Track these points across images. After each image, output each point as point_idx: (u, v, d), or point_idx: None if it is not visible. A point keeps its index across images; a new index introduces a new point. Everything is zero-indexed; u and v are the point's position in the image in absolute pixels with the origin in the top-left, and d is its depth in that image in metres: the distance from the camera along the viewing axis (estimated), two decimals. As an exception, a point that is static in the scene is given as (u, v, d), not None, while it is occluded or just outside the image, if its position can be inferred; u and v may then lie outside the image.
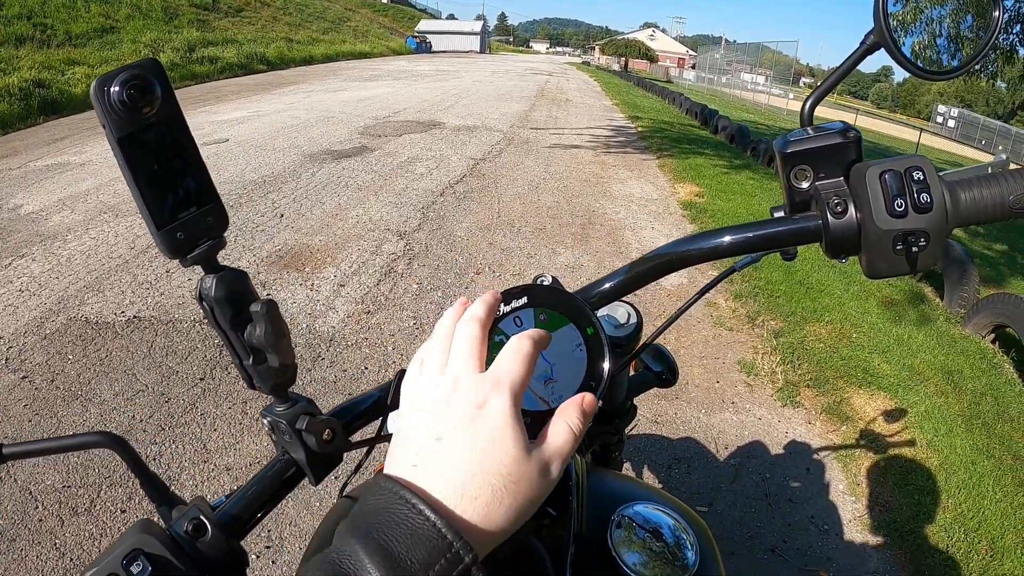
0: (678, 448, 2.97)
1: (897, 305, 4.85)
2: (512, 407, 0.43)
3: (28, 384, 3.04)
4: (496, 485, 0.42)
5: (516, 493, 0.42)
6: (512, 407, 0.43)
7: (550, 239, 5.55)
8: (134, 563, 0.47)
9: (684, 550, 0.61)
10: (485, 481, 0.41)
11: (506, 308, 0.60)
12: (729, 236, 0.64)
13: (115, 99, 0.43)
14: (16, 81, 10.23)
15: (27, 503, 2.36)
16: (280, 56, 22.59)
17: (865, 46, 0.62)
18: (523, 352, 0.46)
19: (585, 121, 13.69)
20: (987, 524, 2.65)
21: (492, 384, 0.44)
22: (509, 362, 0.45)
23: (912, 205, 0.55)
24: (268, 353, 0.52)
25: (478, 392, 0.44)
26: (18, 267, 4.29)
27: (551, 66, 45.51)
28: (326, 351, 3.48)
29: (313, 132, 9.62)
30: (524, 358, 0.45)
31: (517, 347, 0.46)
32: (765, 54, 38.64)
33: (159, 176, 0.46)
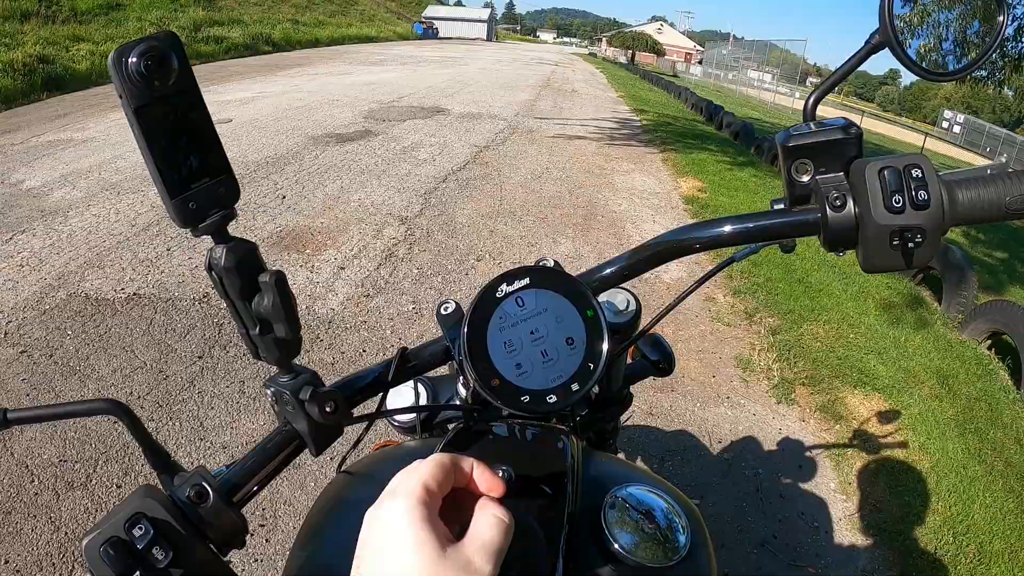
0: (672, 440, 2.98)
1: (895, 307, 4.86)
2: (411, 511, 0.41)
3: (27, 358, 3.04)
4: None
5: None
6: (411, 511, 0.41)
7: (551, 228, 5.55)
8: (136, 526, 0.48)
9: (676, 533, 0.62)
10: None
11: (509, 288, 0.61)
12: (730, 226, 0.65)
13: (132, 70, 0.43)
14: (20, 56, 10.18)
15: (23, 476, 2.37)
16: (286, 38, 22.52)
17: (870, 45, 0.63)
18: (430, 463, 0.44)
19: (590, 112, 13.65)
20: (976, 528, 2.67)
21: (391, 496, 0.43)
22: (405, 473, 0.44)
23: (910, 202, 0.56)
24: (275, 324, 0.53)
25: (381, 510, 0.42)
26: (19, 242, 4.29)
27: (557, 56, 45.35)
28: (325, 333, 3.49)
29: (317, 115, 9.60)
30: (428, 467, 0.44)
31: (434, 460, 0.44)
32: (773, 52, 38.43)
33: (173, 146, 0.46)
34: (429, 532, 0.40)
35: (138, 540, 0.48)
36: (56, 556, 2.09)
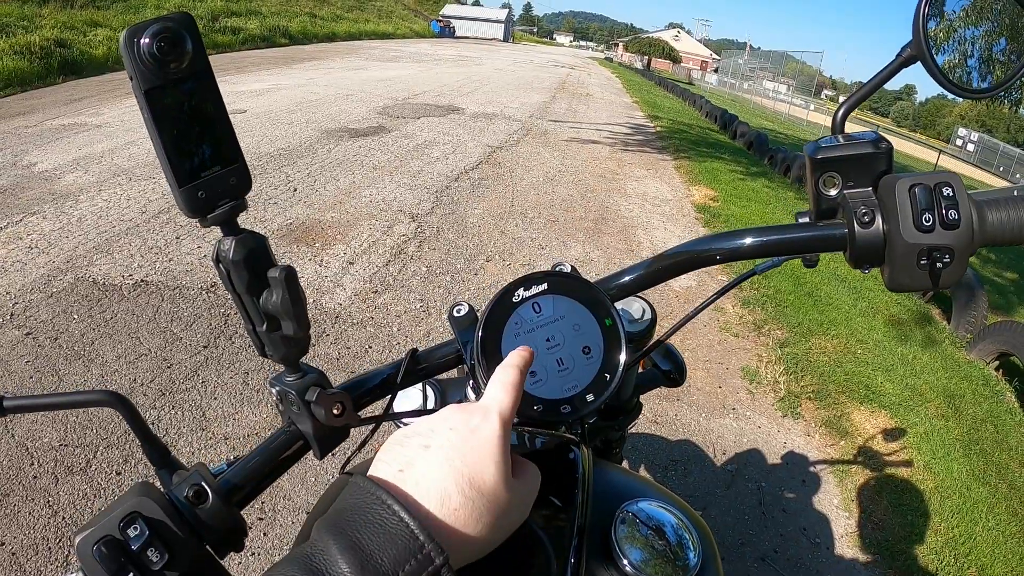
0: (676, 450, 2.96)
1: (904, 324, 4.83)
2: (500, 435, 0.45)
3: (31, 341, 3.04)
4: (477, 502, 0.43)
5: (495, 514, 0.44)
6: (500, 435, 0.45)
7: (562, 232, 5.54)
8: (131, 526, 0.47)
9: (686, 551, 0.60)
10: (475, 500, 0.43)
11: (526, 293, 0.59)
12: (751, 238, 0.63)
13: (145, 51, 0.42)
14: (38, 40, 10.22)
15: (23, 459, 2.37)
16: (303, 31, 22.56)
17: (902, 58, 0.61)
18: (510, 382, 0.48)
19: (604, 117, 13.64)
20: (978, 551, 2.65)
21: (483, 412, 0.47)
22: (498, 392, 0.48)
23: (940, 221, 0.54)
24: (283, 320, 0.51)
25: (472, 416, 0.46)
26: (29, 224, 4.30)
27: (573, 59, 45.38)
28: (331, 327, 3.49)
29: (331, 109, 9.61)
30: (511, 387, 0.48)
31: (503, 378, 0.49)
32: (789, 63, 38.38)
33: (184, 132, 0.45)
34: (507, 456, 0.46)
35: (133, 540, 0.46)
36: (52, 540, 2.08)
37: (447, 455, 0.44)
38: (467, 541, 0.43)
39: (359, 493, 0.42)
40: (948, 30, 0.70)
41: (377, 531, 0.39)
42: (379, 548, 0.38)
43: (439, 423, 0.47)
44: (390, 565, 0.38)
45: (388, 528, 0.39)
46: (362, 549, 0.38)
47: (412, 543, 0.39)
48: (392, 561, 0.38)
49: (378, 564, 0.38)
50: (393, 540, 0.39)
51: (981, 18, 0.71)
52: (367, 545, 0.39)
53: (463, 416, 0.47)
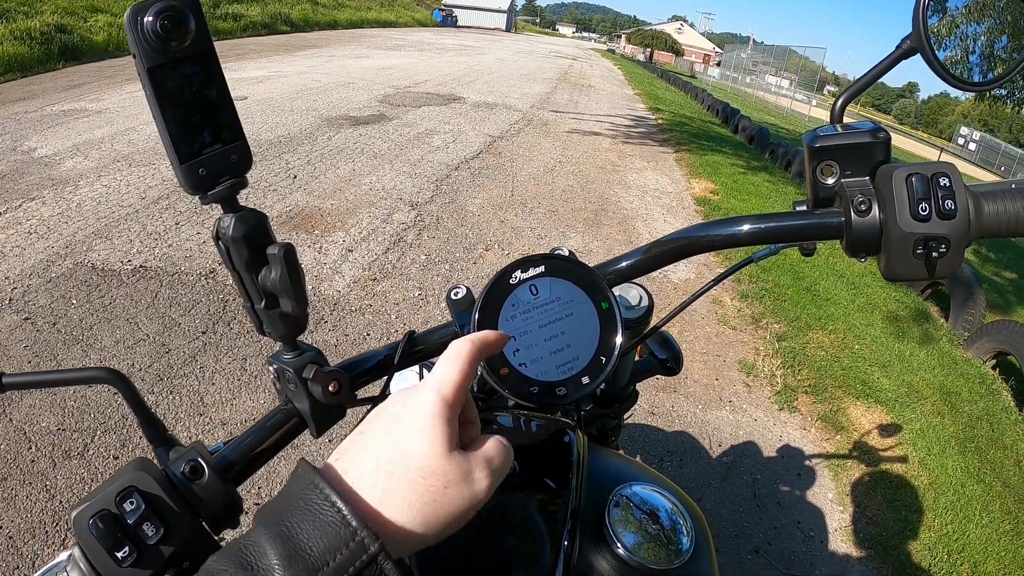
0: (672, 441, 2.97)
1: (902, 321, 4.83)
2: (437, 406, 0.43)
3: (30, 326, 3.04)
4: (405, 480, 0.41)
5: (431, 491, 0.41)
6: (437, 406, 0.43)
7: (561, 222, 5.54)
8: (127, 500, 0.47)
9: (679, 535, 0.61)
10: (394, 472, 0.41)
11: (523, 275, 0.59)
12: (748, 225, 0.63)
13: (148, 29, 0.42)
14: (38, 25, 10.15)
15: (21, 443, 2.37)
16: (304, 18, 22.44)
17: (901, 50, 0.61)
18: (460, 355, 0.45)
19: (606, 108, 13.61)
20: (971, 548, 2.66)
21: (422, 387, 0.44)
22: (443, 365, 0.45)
23: (936, 210, 0.54)
24: (281, 298, 0.51)
25: (410, 395, 0.44)
26: (28, 209, 4.29)
27: (576, 51, 45.18)
28: (329, 314, 3.49)
29: (332, 97, 9.58)
30: (460, 360, 0.45)
31: (454, 351, 0.46)
32: (792, 58, 38.30)
33: (186, 110, 0.45)
34: (444, 429, 0.42)
35: (129, 514, 0.47)
36: (49, 524, 2.09)
37: (376, 435, 0.43)
38: (404, 526, 0.41)
39: (297, 480, 0.41)
40: (950, 26, 0.70)
41: (309, 519, 0.38)
42: (308, 537, 0.37)
43: (380, 407, 0.46)
44: (319, 554, 0.37)
45: (320, 516, 0.38)
46: (292, 539, 0.37)
47: (344, 530, 0.37)
48: (322, 550, 0.37)
49: (307, 554, 0.37)
50: (324, 528, 0.37)
51: (983, 15, 0.71)
52: (297, 534, 0.37)
53: (401, 396, 0.45)
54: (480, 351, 0.47)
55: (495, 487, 0.45)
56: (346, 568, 0.37)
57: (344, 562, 0.37)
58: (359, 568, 0.37)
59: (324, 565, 0.36)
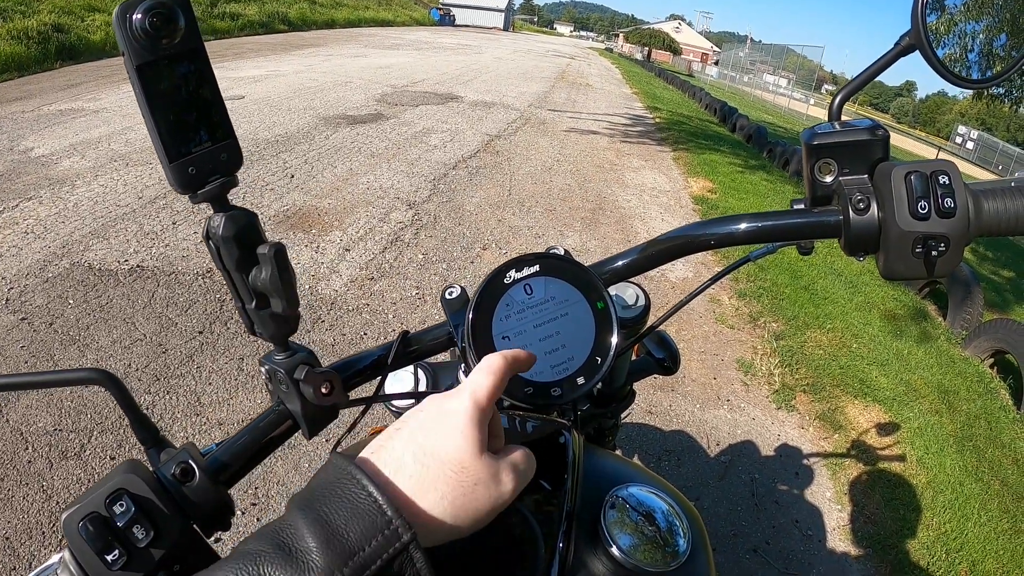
0: (670, 440, 2.97)
1: (900, 320, 4.84)
2: (471, 410, 0.45)
3: (27, 326, 3.04)
4: (440, 474, 0.43)
5: (463, 486, 0.44)
6: (471, 410, 0.45)
7: (559, 221, 5.53)
8: (117, 503, 0.47)
9: (676, 537, 0.60)
10: (430, 466, 0.43)
11: (518, 275, 0.59)
12: (746, 223, 0.63)
13: (137, 26, 0.41)
14: (35, 24, 10.12)
15: (17, 444, 2.37)
16: (302, 17, 22.42)
17: (900, 47, 0.61)
18: (493, 368, 0.48)
19: (603, 107, 13.61)
20: (969, 547, 2.66)
21: (457, 392, 0.47)
22: (478, 376, 0.47)
23: (935, 209, 0.54)
24: (272, 298, 0.51)
25: (446, 398, 0.47)
26: (25, 209, 4.28)
27: (573, 49, 45.17)
28: (327, 314, 3.48)
29: (330, 96, 9.57)
30: (493, 373, 0.47)
31: (488, 364, 0.48)
32: (790, 57, 38.26)
33: (175, 108, 0.44)
34: (477, 431, 0.45)
35: (119, 517, 0.46)
36: (46, 525, 2.09)
37: (412, 431, 0.45)
38: (436, 518, 0.43)
39: (332, 470, 0.42)
40: (949, 24, 0.69)
41: (345, 506, 0.39)
42: (346, 523, 0.39)
43: (416, 408, 0.48)
44: (356, 540, 0.38)
45: (357, 503, 0.40)
46: (329, 524, 0.39)
47: (379, 519, 0.39)
48: (359, 536, 0.38)
49: (344, 538, 0.38)
50: (361, 515, 0.39)
51: (982, 13, 0.71)
52: (334, 520, 0.39)
53: (438, 398, 0.47)
54: (511, 367, 0.49)
55: (519, 491, 0.47)
56: (380, 555, 0.38)
57: (379, 548, 0.38)
58: (392, 555, 0.39)
59: (360, 550, 0.38)
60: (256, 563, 0.38)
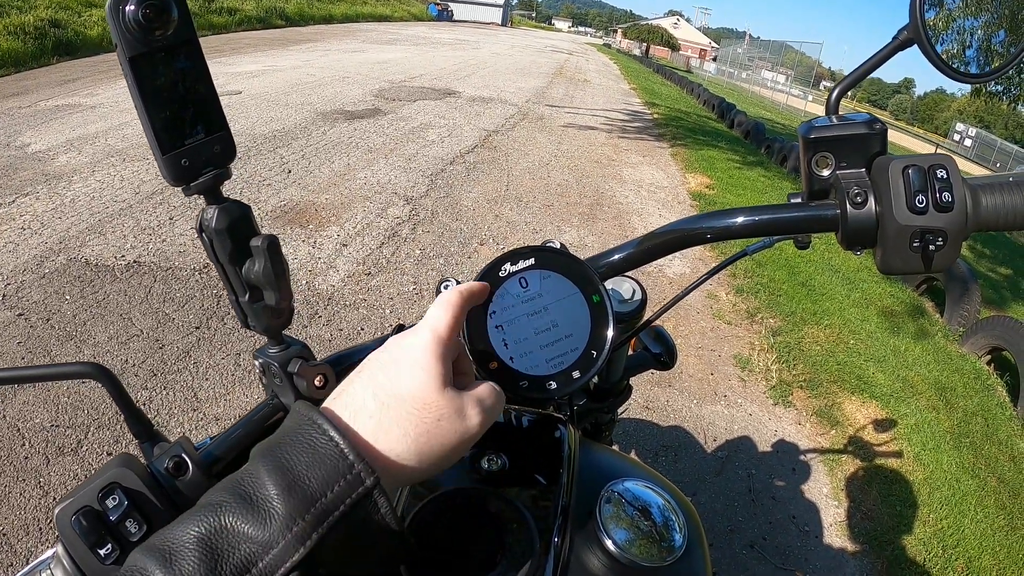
0: (667, 435, 2.97)
1: (897, 316, 4.84)
2: (430, 343, 0.45)
3: (24, 322, 3.03)
4: (401, 411, 0.43)
5: (425, 423, 0.43)
6: (430, 343, 0.45)
7: (557, 216, 5.53)
8: (110, 496, 0.46)
9: (672, 532, 0.60)
10: (391, 405, 0.43)
11: (513, 268, 0.59)
12: (742, 217, 0.63)
13: (130, 18, 0.41)
14: (32, 20, 10.07)
15: (14, 440, 2.36)
16: (300, 12, 22.36)
17: (898, 41, 0.60)
18: (449, 301, 0.48)
19: (601, 103, 13.60)
20: (966, 543, 2.66)
21: (416, 328, 0.47)
22: (435, 310, 0.47)
23: (933, 203, 0.53)
24: (265, 290, 0.50)
25: (405, 336, 0.47)
26: (21, 205, 4.27)
27: (571, 45, 45.12)
28: (324, 309, 3.48)
29: (327, 91, 9.55)
30: (449, 305, 0.47)
31: (443, 298, 0.48)
32: (788, 53, 38.19)
33: (168, 100, 0.44)
34: (438, 365, 0.44)
35: (111, 511, 0.46)
36: (43, 520, 2.08)
37: (372, 372, 0.45)
38: (398, 459, 0.42)
39: (295, 416, 0.42)
40: (947, 19, 0.69)
41: (307, 452, 0.39)
42: (307, 468, 0.38)
43: (378, 349, 0.47)
44: (318, 486, 0.38)
45: (318, 449, 0.39)
46: (291, 470, 0.38)
47: (341, 463, 0.39)
48: (320, 482, 0.38)
49: (306, 485, 0.38)
50: (322, 461, 0.39)
51: (980, 9, 0.71)
52: (295, 466, 0.38)
53: (396, 337, 0.47)
54: (467, 299, 0.50)
55: (486, 426, 0.46)
56: (343, 499, 0.38)
57: (341, 493, 0.38)
58: (356, 500, 0.38)
59: (322, 496, 0.38)
60: (217, 513, 0.37)
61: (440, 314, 0.46)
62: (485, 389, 0.47)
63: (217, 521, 0.37)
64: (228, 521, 0.37)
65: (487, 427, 0.46)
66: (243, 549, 0.36)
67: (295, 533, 0.36)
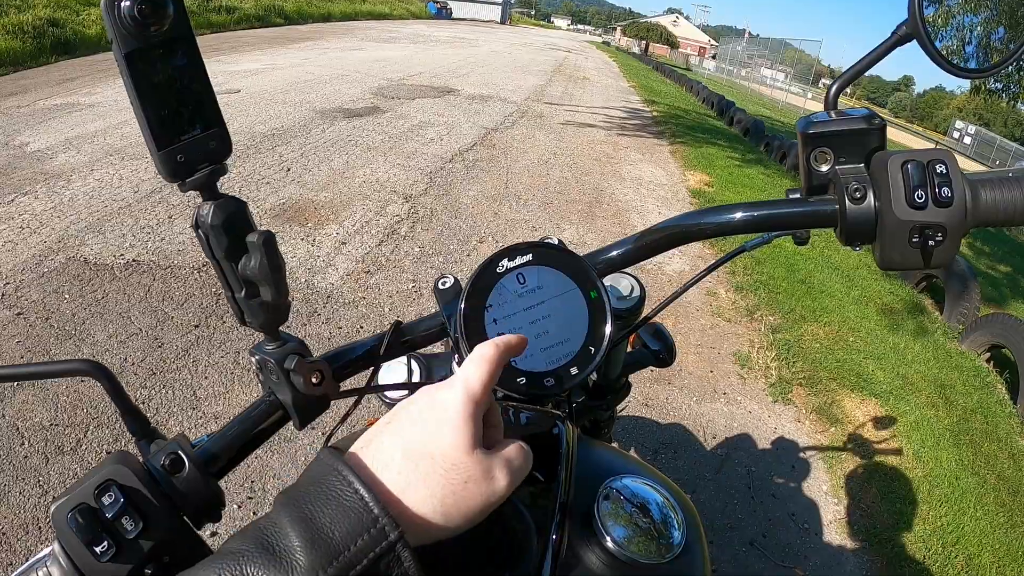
0: (666, 433, 2.97)
1: (896, 313, 4.84)
2: (464, 402, 0.44)
3: (22, 321, 3.03)
4: (430, 471, 0.42)
5: (452, 484, 0.42)
6: (464, 402, 0.44)
7: (556, 214, 5.53)
8: (106, 494, 0.46)
9: (670, 529, 0.60)
10: (420, 462, 0.42)
11: (510, 264, 0.58)
12: (741, 213, 0.62)
13: (125, 13, 0.41)
14: (30, 19, 10.05)
15: (13, 439, 2.36)
16: (298, 10, 22.33)
17: (897, 36, 0.60)
18: (486, 357, 0.46)
19: (600, 100, 13.59)
20: (965, 540, 2.66)
21: (449, 384, 0.45)
22: (470, 366, 0.46)
23: (932, 198, 0.53)
24: (261, 286, 0.50)
25: (438, 390, 0.45)
26: (20, 204, 4.26)
27: (571, 43, 45.08)
28: (323, 307, 3.48)
29: (326, 89, 9.54)
30: (486, 362, 0.46)
31: (480, 353, 0.47)
32: (787, 51, 38.15)
33: (164, 95, 0.44)
34: (470, 425, 0.43)
35: (107, 508, 0.46)
36: (42, 520, 2.08)
37: (401, 425, 0.44)
38: (424, 516, 0.41)
39: (319, 466, 0.41)
40: (946, 16, 0.69)
41: (331, 504, 0.39)
42: (332, 521, 0.38)
43: (408, 400, 0.47)
44: (341, 539, 0.37)
45: (343, 501, 0.39)
46: (314, 522, 0.38)
47: (366, 517, 0.38)
48: (344, 535, 0.38)
49: (329, 537, 0.37)
50: (347, 513, 0.38)
51: (980, 6, 0.71)
52: (319, 518, 0.38)
53: (430, 390, 0.46)
54: (504, 354, 0.48)
55: (513, 488, 0.46)
56: (366, 554, 0.38)
57: (365, 547, 0.38)
58: (379, 554, 0.38)
59: (345, 549, 0.37)
60: (239, 563, 0.37)
61: (475, 371, 0.45)
62: (514, 450, 0.47)
63: (239, 570, 0.37)
64: (250, 570, 0.37)
65: (514, 488, 0.46)
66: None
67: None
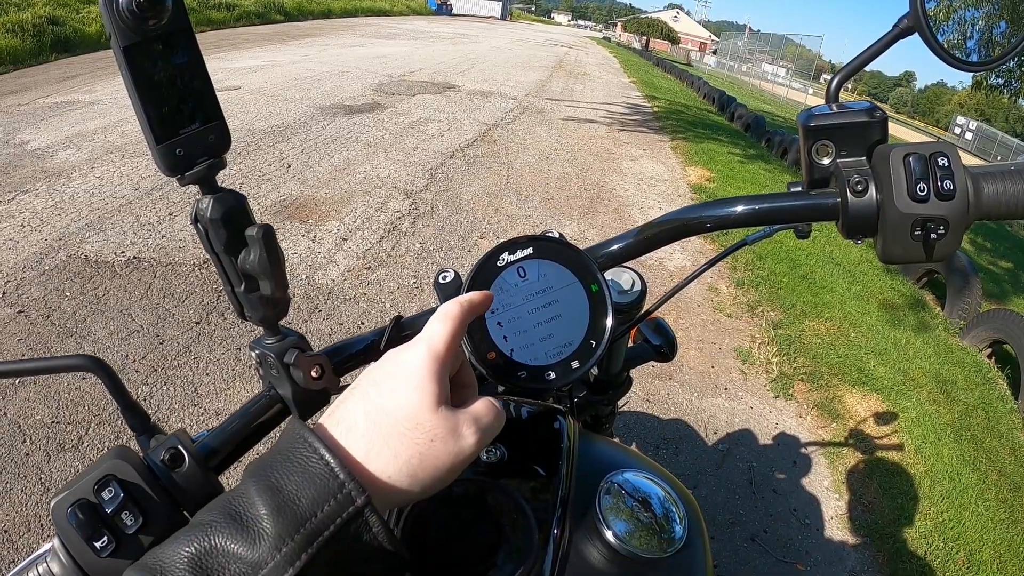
0: (668, 428, 2.97)
1: (898, 309, 4.83)
2: (426, 361, 0.44)
3: (24, 318, 3.03)
4: (392, 431, 0.42)
5: (418, 443, 0.42)
6: (426, 361, 0.44)
7: (557, 210, 5.52)
8: (106, 489, 0.46)
9: (672, 523, 0.60)
10: (381, 425, 0.42)
11: (511, 257, 0.58)
12: (742, 206, 0.62)
13: (123, 7, 0.41)
14: (30, 17, 10.03)
15: (15, 436, 2.36)
16: (298, 7, 22.30)
17: (898, 29, 0.60)
18: (449, 315, 0.46)
19: (601, 96, 13.57)
20: (966, 536, 2.67)
21: (411, 344, 0.45)
22: (434, 323, 0.46)
23: (935, 191, 0.53)
24: (261, 280, 0.50)
25: (400, 351, 0.45)
26: (21, 202, 4.26)
27: (571, 39, 44.98)
28: (324, 303, 3.48)
29: (326, 85, 9.53)
30: (449, 319, 0.46)
31: (443, 311, 0.47)
32: (788, 46, 38.18)
33: (162, 89, 0.44)
34: (434, 383, 0.43)
35: (107, 503, 0.46)
36: (44, 517, 2.09)
37: (365, 389, 0.44)
38: (390, 480, 0.41)
39: (287, 436, 0.41)
40: (948, 10, 0.69)
41: (297, 471, 0.39)
42: (298, 489, 0.38)
43: (373, 364, 0.47)
44: (308, 506, 0.38)
45: (309, 468, 0.39)
46: (280, 490, 0.38)
47: (332, 483, 0.38)
48: (310, 502, 0.38)
49: (296, 505, 0.38)
50: (312, 480, 0.38)
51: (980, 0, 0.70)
52: (285, 486, 0.38)
53: (393, 352, 0.46)
54: (468, 311, 0.48)
55: (483, 445, 0.45)
56: (333, 519, 0.38)
57: (331, 513, 0.38)
58: (345, 519, 0.38)
59: (312, 516, 0.37)
60: (207, 534, 0.37)
61: (438, 328, 0.45)
62: (482, 407, 0.46)
63: (208, 541, 0.37)
64: (218, 541, 0.37)
65: (484, 446, 0.46)
66: (233, 569, 0.36)
67: (284, 553, 0.36)
